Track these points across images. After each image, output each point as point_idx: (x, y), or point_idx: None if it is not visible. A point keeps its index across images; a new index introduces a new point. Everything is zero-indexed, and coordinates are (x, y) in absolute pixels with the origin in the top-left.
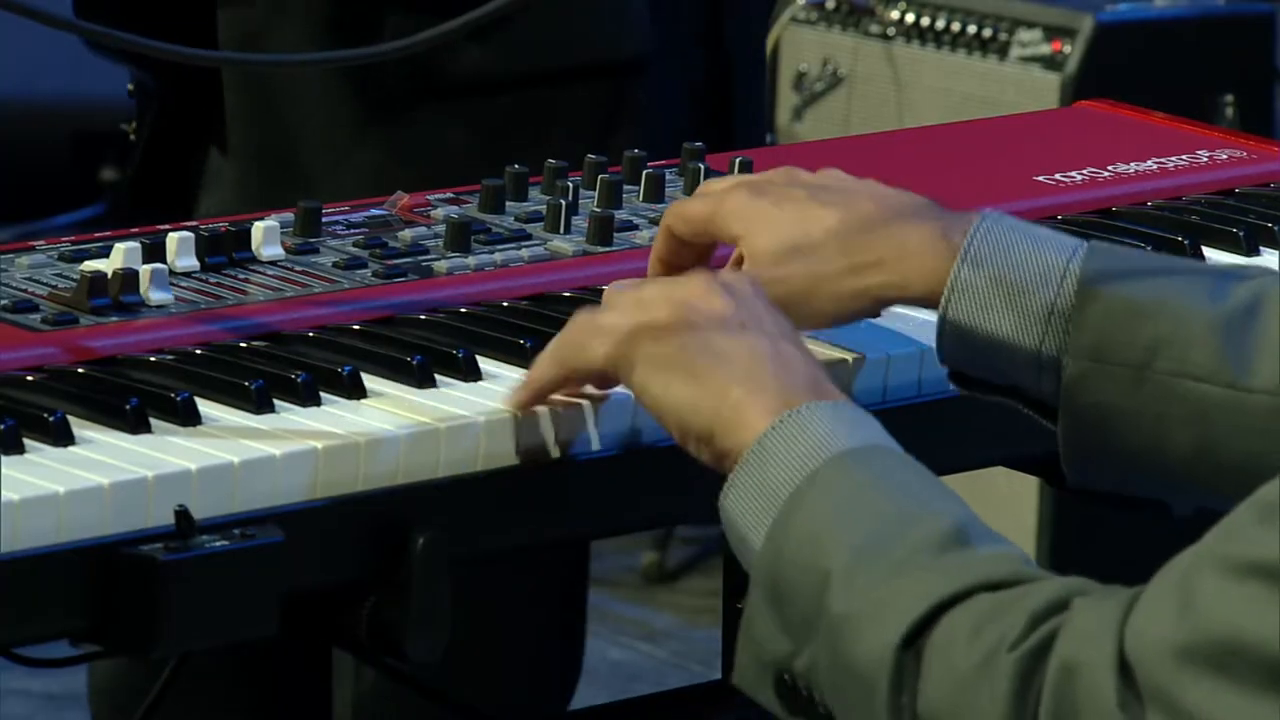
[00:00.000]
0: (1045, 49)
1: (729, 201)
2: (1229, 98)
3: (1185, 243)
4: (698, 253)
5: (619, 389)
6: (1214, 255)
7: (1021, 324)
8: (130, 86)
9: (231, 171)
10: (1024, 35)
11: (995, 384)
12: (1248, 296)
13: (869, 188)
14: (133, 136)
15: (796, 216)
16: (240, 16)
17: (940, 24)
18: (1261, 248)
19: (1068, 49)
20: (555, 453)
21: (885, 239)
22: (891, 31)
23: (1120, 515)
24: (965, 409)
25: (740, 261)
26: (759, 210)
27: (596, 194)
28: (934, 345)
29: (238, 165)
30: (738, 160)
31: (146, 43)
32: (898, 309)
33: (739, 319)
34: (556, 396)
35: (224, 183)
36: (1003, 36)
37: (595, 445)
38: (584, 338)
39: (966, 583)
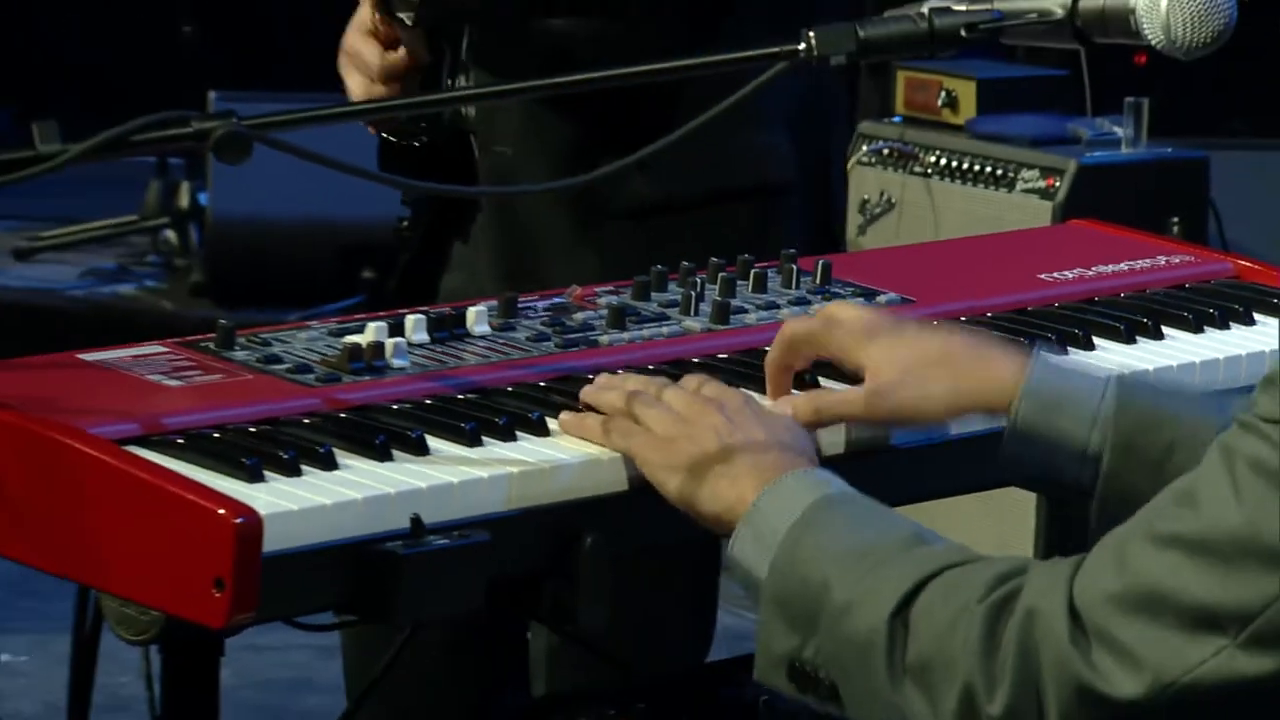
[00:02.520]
0: (1041, 184)
1: (856, 333)
2: (1175, 219)
3: (1148, 322)
4: (804, 360)
5: None
6: (1170, 332)
7: (1073, 426)
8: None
9: (480, 260)
10: (1026, 174)
11: (1039, 477)
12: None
13: (950, 326)
14: (407, 234)
15: (911, 351)
16: (496, 157)
17: (965, 165)
18: (1205, 327)
19: (1058, 184)
20: None
21: (981, 367)
22: (930, 171)
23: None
24: (987, 446)
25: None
26: (879, 346)
27: (717, 287)
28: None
29: (485, 254)
30: (820, 262)
31: (424, 185)
32: None
33: (729, 427)
34: None
35: (469, 268)
36: (1010, 174)
37: None
38: (637, 450)
39: (937, 565)
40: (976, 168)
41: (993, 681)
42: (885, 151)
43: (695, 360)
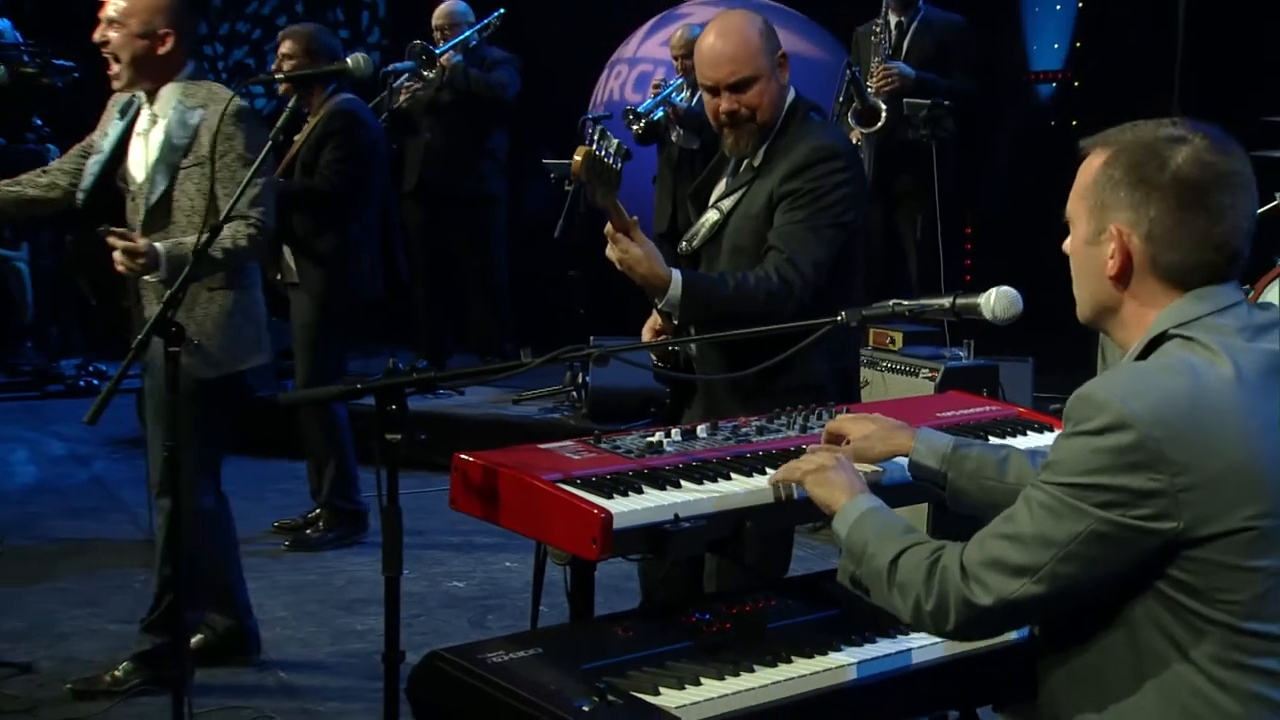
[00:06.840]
0: (930, 375)
1: (849, 423)
2: (984, 390)
3: (984, 435)
4: (836, 439)
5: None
6: (991, 438)
7: (935, 460)
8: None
9: (697, 409)
10: (924, 371)
11: (924, 480)
12: (1006, 453)
13: (884, 418)
14: (667, 397)
15: (868, 429)
16: (705, 369)
17: (899, 367)
18: (1006, 437)
19: (937, 376)
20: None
21: (897, 436)
22: (884, 370)
23: (964, 519)
24: (919, 490)
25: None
26: (855, 425)
27: (802, 417)
28: (906, 468)
29: (699, 407)
30: (846, 408)
31: (681, 375)
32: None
33: (835, 467)
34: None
35: (693, 411)
36: (918, 371)
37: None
38: (795, 473)
39: (910, 543)
40: (904, 368)
41: (928, 595)
42: (863, 361)
43: (792, 449)
